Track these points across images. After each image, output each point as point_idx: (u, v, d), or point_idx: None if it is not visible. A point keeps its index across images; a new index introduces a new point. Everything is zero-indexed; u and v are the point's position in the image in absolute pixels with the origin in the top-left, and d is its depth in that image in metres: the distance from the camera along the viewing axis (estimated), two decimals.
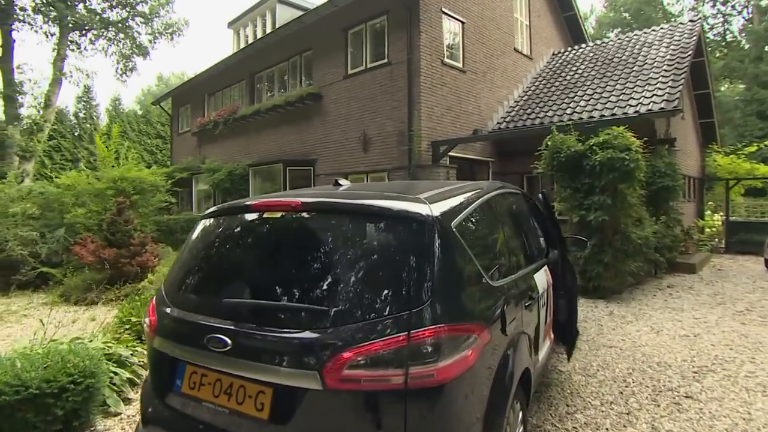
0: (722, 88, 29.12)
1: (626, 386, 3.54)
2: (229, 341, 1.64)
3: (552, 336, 3.12)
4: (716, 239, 12.99)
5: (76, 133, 26.03)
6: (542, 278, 2.81)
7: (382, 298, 1.58)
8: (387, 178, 9.56)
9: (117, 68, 23.89)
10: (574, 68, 11.73)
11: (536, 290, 2.60)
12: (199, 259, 2.09)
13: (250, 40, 15.73)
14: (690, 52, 9.71)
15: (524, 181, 10.72)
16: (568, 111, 9.78)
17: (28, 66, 32.58)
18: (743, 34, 28.45)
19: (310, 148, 11.65)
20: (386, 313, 1.54)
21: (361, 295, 1.61)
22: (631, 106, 8.79)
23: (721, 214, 13.78)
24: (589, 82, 10.61)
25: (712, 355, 4.23)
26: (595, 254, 6.46)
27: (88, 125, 27.02)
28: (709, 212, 14.48)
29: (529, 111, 10.72)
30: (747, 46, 27.31)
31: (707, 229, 13.17)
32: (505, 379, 1.90)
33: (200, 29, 63.38)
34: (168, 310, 1.95)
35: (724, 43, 29.13)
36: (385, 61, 9.63)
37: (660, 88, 8.83)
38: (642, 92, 9.02)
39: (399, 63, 9.28)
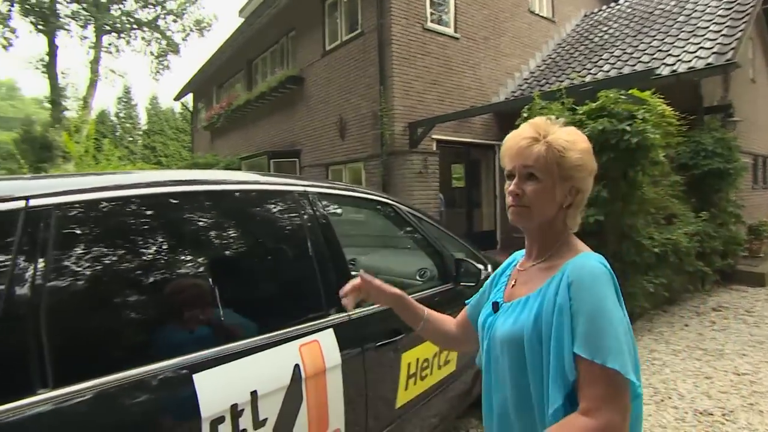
0: None
1: None
2: None
3: None
4: None
5: (117, 133, 27.10)
6: (263, 371, 1.35)
7: None
8: (363, 169, 8.18)
9: (151, 67, 24.41)
10: (605, 28, 9.55)
11: (197, 412, 1.16)
12: None
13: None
14: None
15: None
16: (588, 78, 7.78)
17: (69, 70, 35.30)
18: None
19: (296, 137, 10.52)
20: None
21: None
22: (667, 65, 6.68)
23: None
24: (619, 42, 8.47)
25: None
26: None
27: (128, 125, 28.06)
28: None
29: (543, 81, 8.79)
30: None
31: None
32: None
33: (224, 21, 64.82)
34: None
35: None
36: (359, 31, 8.20)
37: (710, 39, 6.64)
38: (684, 47, 6.86)
39: (371, 32, 7.82)
